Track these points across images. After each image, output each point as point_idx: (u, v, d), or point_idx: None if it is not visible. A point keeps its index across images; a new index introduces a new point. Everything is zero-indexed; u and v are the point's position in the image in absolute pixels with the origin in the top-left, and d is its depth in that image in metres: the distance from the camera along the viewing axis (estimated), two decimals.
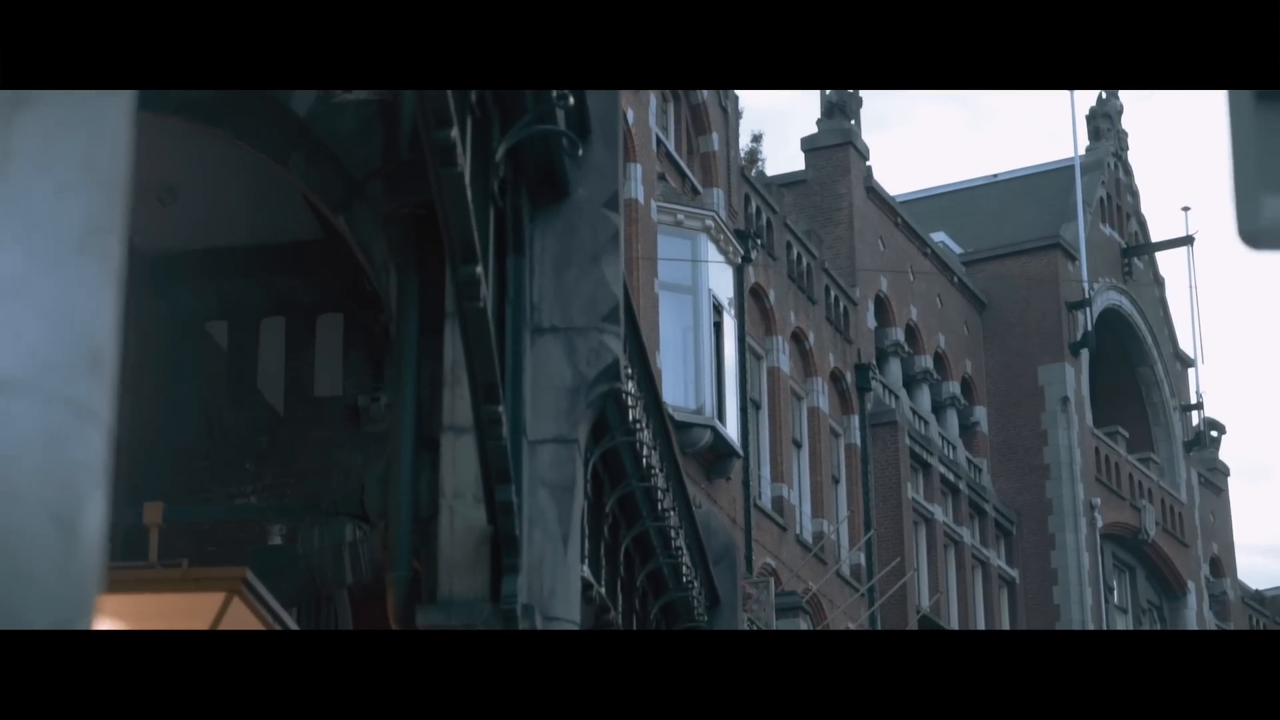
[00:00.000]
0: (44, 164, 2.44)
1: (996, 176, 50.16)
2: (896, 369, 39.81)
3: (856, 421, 37.11)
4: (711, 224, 30.24)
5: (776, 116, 73.99)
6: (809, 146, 39.50)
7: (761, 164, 43.26)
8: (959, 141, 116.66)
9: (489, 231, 9.15)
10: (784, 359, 34.38)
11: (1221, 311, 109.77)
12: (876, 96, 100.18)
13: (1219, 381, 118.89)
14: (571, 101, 10.29)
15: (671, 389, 28.09)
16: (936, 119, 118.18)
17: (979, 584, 41.47)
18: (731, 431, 30.30)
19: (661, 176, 29.88)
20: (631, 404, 13.17)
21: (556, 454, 10.76)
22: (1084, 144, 48.00)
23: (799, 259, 35.56)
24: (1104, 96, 49.06)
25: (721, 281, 30.78)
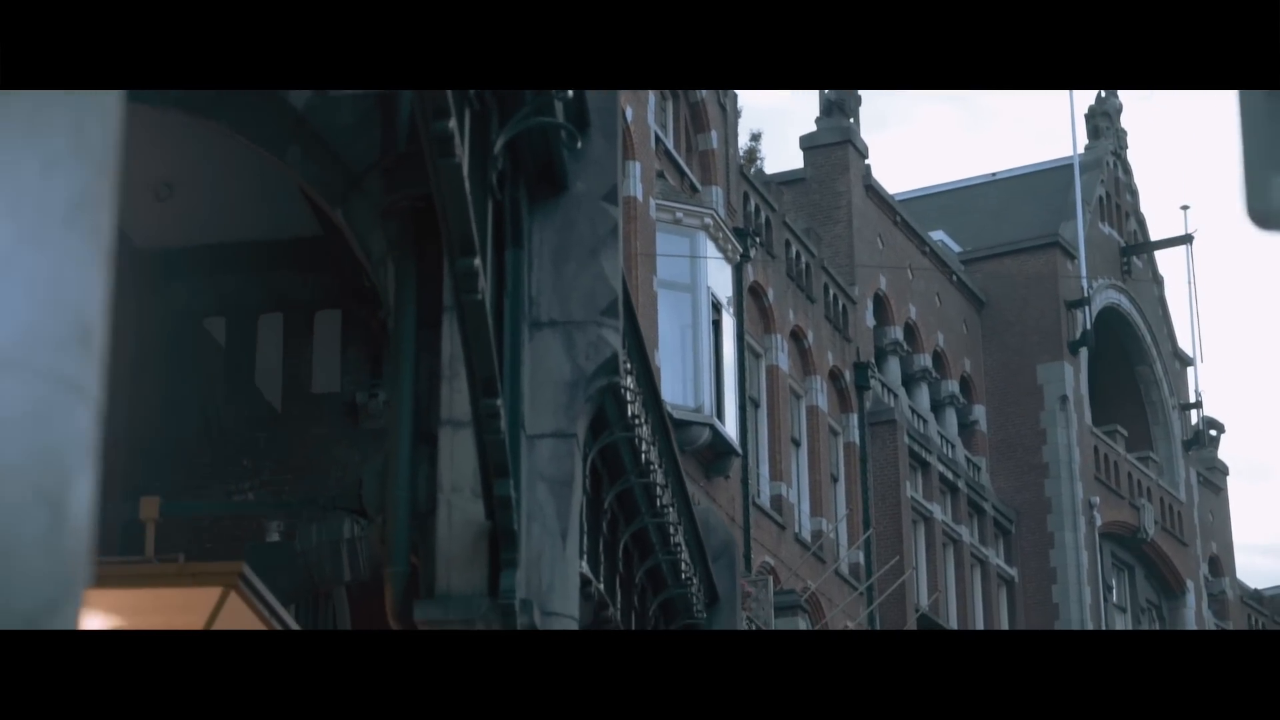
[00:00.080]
0: (32, 137, 2.40)
1: (995, 175, 50.15)
2: (895, 367, 39.78)
3: (855, 420, 37.09)
4: (710, 222, 30.21)
5: (775, 115, 74.00)
6: (808, 145, 39.48)
7: (760, 163, 43.24)
8: (958, 141, 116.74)
9: (487, 224, 9.11)
10: (783, 357, 34.35)
11: (1220, 310, 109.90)
12: (875, 96, 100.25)
13: (1218, 380, 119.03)
14: (570, 95, 10.26)
15: (670, 387, 28.05)
16: (935, 118, 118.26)
17: (978, 583, 41.45)
18: (730, 430, 30.27)
19: (660, 174, 29.85)
20: (630, 399, 13.13)
21: (555, 449, 10.72)
22: (1083, 142, 48.00)
23: (798, 257, 35.54)
24: (1103, 95, 49.04)
25: (720, 280, 30.76)
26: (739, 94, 35.00)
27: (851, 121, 39.49)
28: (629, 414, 13.22)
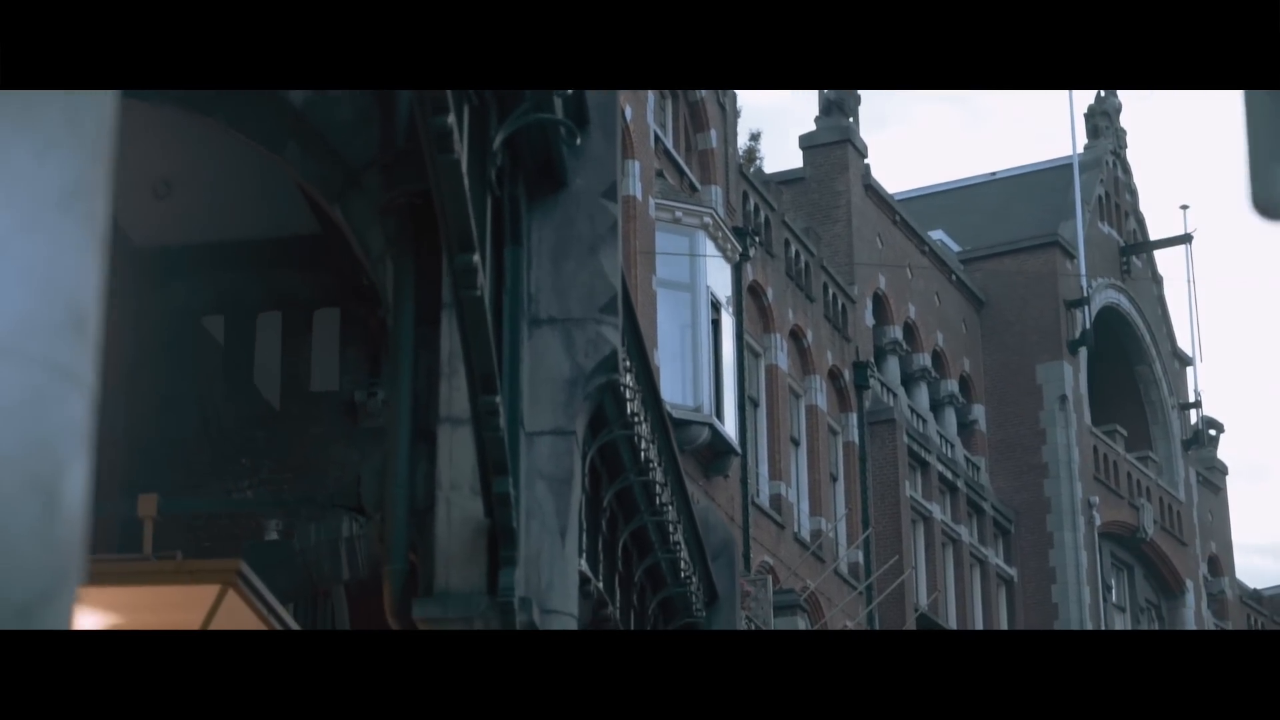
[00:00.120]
0: (25, 122, 2.37)
1: (995, 174, 50.14)
2: (895, 367, 39.76)
3: (855, 419, 37.07)
4: (710, 221, 30.19)
5: (774, 115, 73.94)
6: (807, 144, 39.45)
7: (760, 162, 43.23)
8: (957, 140, 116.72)
9: (486, 221, 9.09)
10: (782, 357, 34.33)
11: (1220, 310, 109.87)
12: (875, 95, 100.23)
13: (1217, 380, 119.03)
14: (570, 92, 10.23)
15: (669, 386, 28.02)
16: (934, 118, 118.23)
17: (977, 582, 41.43)
18: (729, 429, 30.25)
19: (659, 174, 29.83)
20: (630, 397, 13.10)
21: (554, 446, 10.69)
22: (1082, 142, 47.98)
23: (797, 256, 35.51)
24: (1102, 94, 49.02)
25: (719, 279, 30.73)
26: (738, 93, 34.99)
27: (851, 121, 39.46)
28: (628, 412, 13.19)
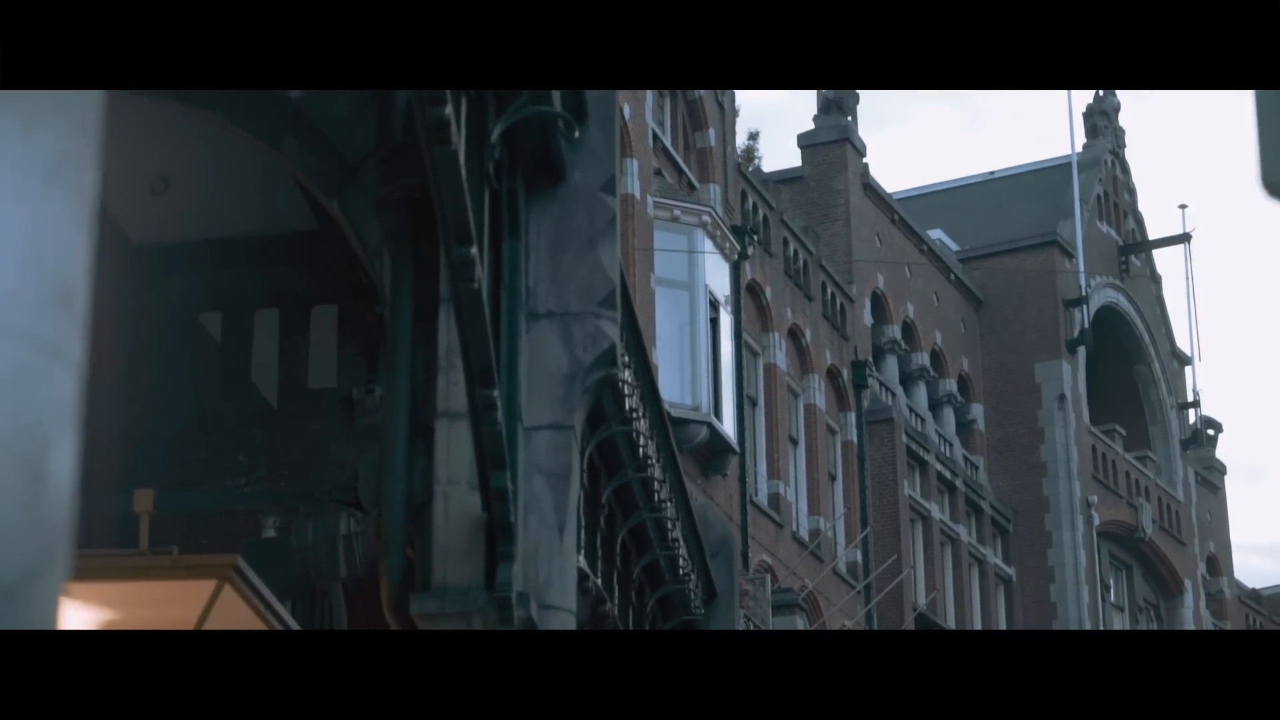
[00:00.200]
0: (11, 93, 2.32)
1: (993, 174, 50.12)
2: (893, 366, 39.73)
3: (853, 419, 37.04)
4: (708, 220, 30.15)
5: (773, 114, 73.97)
6: (806, 143, 39.42)
7: (758, 161, 43.19)
8: (955, 140, 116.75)
9: (484, 213, 9.04)
10: (780, 356, 34.30)
11: (1219, 309, 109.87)
12: (873, 95, 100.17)
13: (1216, 380, 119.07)
14: None
15: (668, 385, 27.98)
16: (933, 118, 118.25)
17: (976, 582, 41.40)
18: (728, 428, 30.22)
19: (658, 172, 29.79)
20: (628, 392, 13.06)
21: (552, 440, 10.64)
22: (1081, 141, 47.96)
23: (796, 255, 35.48)
24: (1101, 94, 48.99)
25: (718, 278, 30.70)
26: (737, 93, 34.96)
27: (849, 120, 39.44)
28: (627, 407, 13.15)
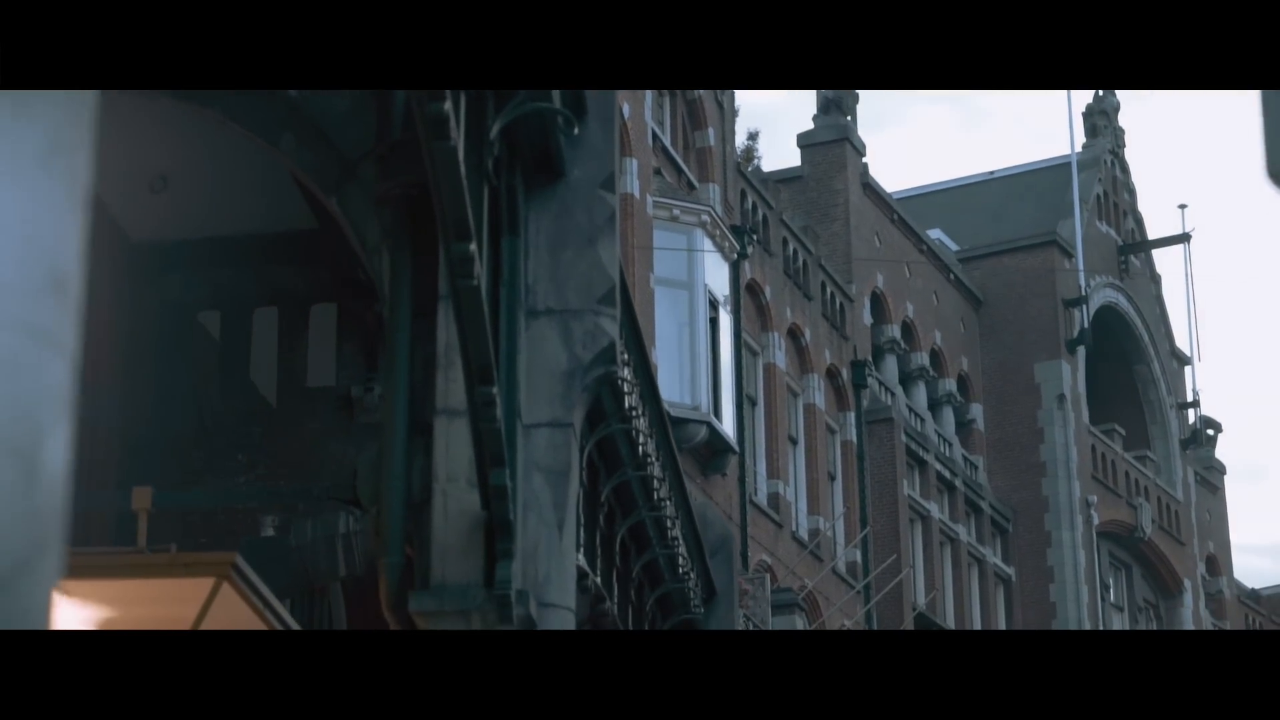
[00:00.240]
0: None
1: (993, 173, 50.10)
2: (893, 366, 39.70)
3: (852, 418, 37.02)
4: (707, 219, 30.13)
5: (772, 114, 73.95)
6: (805, 142, 39.40)
7: (758, 161, 43.16)
8: (954, 141, 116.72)
9: (483, 210, 9.01)
10: (780, 355, 34.27)
11: (1218, 309, 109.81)
12: (873, 95, 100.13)
13: (1215, 379, 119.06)
14: None
15: (667, 385, 27.96)
16: (932, 118, 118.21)
17: (975, 581, 41.37)
18: (727, 428, 30.19)
19: (657, 171, 29.77)
20: (628, 390, 13.04)
21: (551, 438, 10.61)
22: (1080, 141, 47.93)
23: (795, 255, 35.46)
24: (1100, 93, 48.96)
25: (717, 277, 30.68)
26: (736, 93, 34.94)
27: (849, 119, 39.41)
28: (626, 405, 13.13)
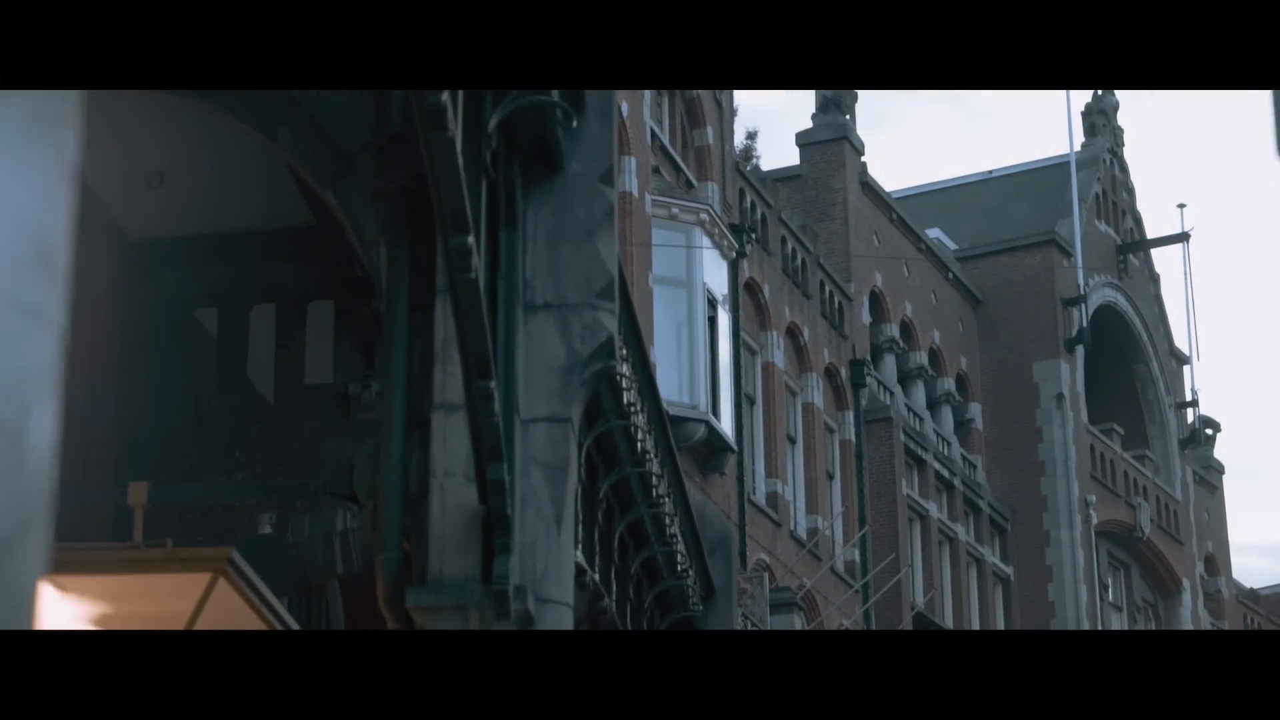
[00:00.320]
0: None
1: (992, 173, 50.08)
2: (891, 365, 39.67)
3: (851, 417, 36.99)
4: (706, 218, 30.09)
5: (771, 115, 73.98)
6: (804, 141, 39.37)
7: (756, 161, 43.13)
8: (953, 141, 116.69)
9: (481, 203, 8.97)
10: (778, 354, 34.24)
11: (1217, 308, 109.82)
12: (872, 94, 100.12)
13: (1214, 379, 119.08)
14: None
15: (666, 384, 27.92)
16: (931, 117, 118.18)
17: (974, 581, 41.34)
18: (726, 426, 30.16)
19: (656, 170, 29.73)
20: (626, 386, 13.00)
21: (550, 433, 10.57)
22: (1079, 140, 47.91)
23: (794, 254, 35.43)
24: (1100, 93, 48.94)
25: (716, 276, 30.65)
26: (735, 93, 34.90)
27: (848, 118, 39.38)
28: (624, 401, 13.09)
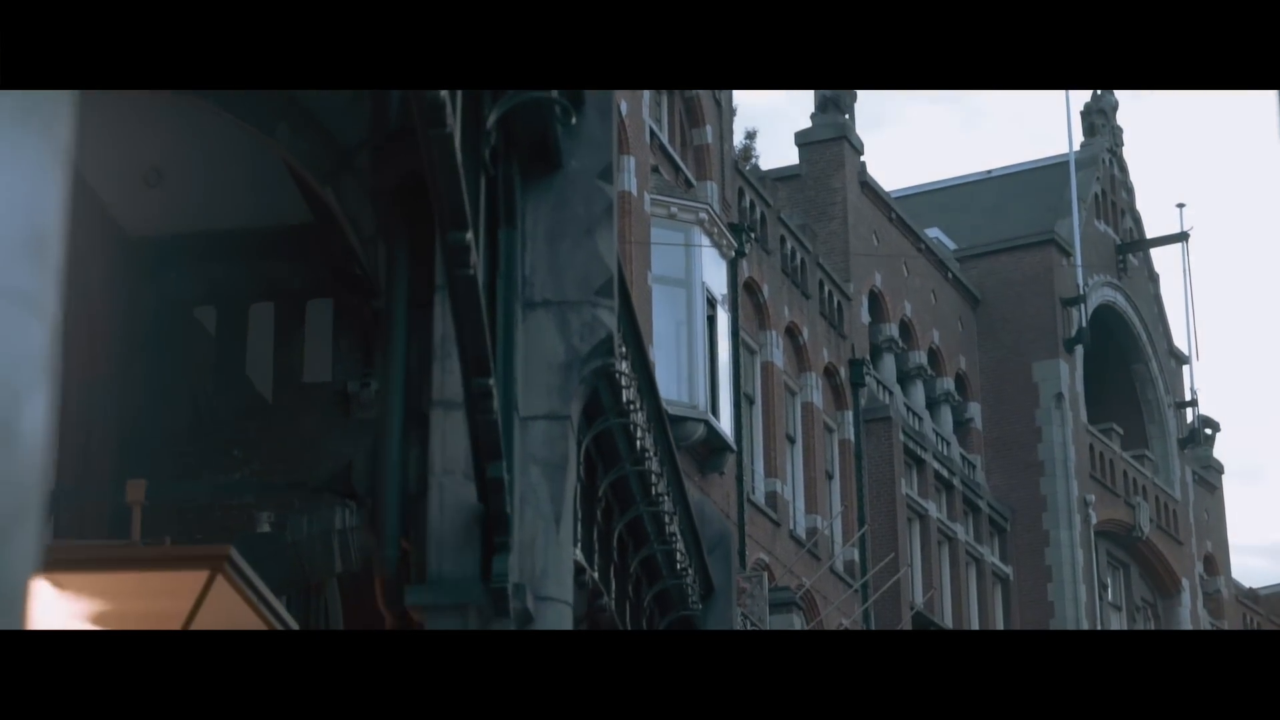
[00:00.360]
0: None
1: (991, 172, 50.05)
2: (890, 364, 39.65)
3: (850, 417, 36.96)
4: (705, 217, 30.06)
5: (770, 115, 73.91)
6: (803, 141, 39.34)
7: (756, 160, 43.09)
8: (953, 139, 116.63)
9: (480, 200, 8.95)
10: (778, 354, 34.21)
11: (1216, 308, 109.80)
12: (871, 94, 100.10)
13: (1213, 379, 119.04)
14: None
15: (665, 383, 27.89)
16: (930, 117, 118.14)
17: (973, 581, 41.31)
18: (725, 426, 30.13)
19: (655, 169, 29.70)
20: (625, 384, 12.97)
21: (549, 431, 10.54)
22: (1079, 140, 47.88)
23: (793, 253, 35.40)
24: (1099, 92, 48.92)
25: (715, 275, 30.62)
26: (734, 92, 34.87)
27: (847, 118, 39.36)
28: (624, 399, 13.06)
